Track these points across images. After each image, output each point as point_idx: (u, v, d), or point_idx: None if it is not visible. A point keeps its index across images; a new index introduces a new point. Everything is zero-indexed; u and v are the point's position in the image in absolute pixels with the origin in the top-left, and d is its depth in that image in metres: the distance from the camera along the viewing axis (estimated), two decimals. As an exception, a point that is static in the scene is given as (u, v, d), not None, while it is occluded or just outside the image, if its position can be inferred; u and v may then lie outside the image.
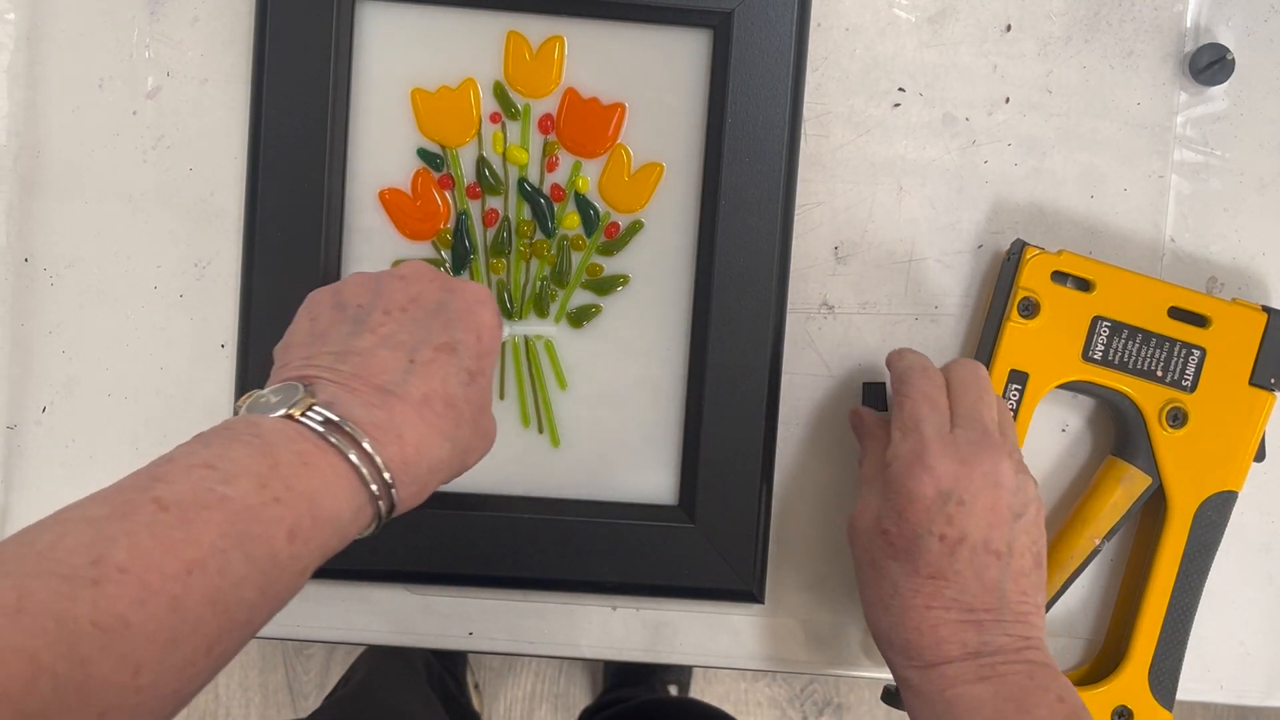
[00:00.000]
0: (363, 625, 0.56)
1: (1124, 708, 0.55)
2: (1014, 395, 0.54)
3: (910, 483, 0.45)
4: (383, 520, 0.38)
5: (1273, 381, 0.54)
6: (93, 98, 0.54)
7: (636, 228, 0.55)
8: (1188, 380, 0.54)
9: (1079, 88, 0.57)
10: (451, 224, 0.54)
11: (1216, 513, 0.55)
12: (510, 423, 0.55)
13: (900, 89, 0.56)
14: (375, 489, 0.37)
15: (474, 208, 0.54)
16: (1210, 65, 0.56)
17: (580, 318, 0.55)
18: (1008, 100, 0.56)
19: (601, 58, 0.54)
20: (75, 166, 0.54)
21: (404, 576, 0.55)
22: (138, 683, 0.30)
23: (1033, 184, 0.57)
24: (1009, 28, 0.56)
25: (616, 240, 0.55)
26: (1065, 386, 0.55)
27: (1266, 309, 0.54)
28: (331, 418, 0.37)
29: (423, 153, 0.54)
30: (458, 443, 0.40)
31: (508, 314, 0.55)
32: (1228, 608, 0.58)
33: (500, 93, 0.54)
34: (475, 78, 0.54)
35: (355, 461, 0.36)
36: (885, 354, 0.53)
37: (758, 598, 0.55)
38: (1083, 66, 0.57)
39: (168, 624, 0.31)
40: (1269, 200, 0.58)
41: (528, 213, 0.54)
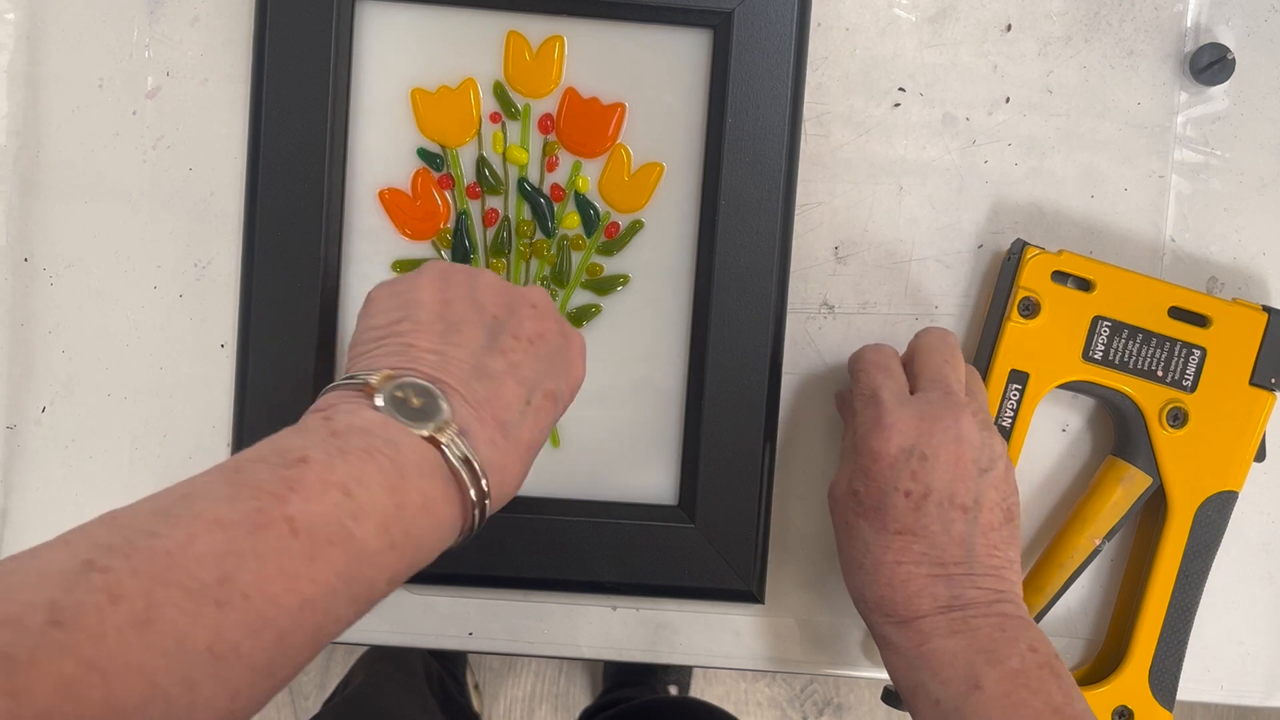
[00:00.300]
0: (363, 625, 0.55)
1: (1124, 708, 0.55)
2: (1014, 395, 0.54)
3: (873, 442, 0.46)
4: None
5: (1273, 381, 0.54)
6: (93, 98, 0.54)
7: (636, 228, 0.55)
8: (1188, 380, 0.54)
9: (1079, 88, 0.57)
10: (451, 224, 0.54)
11: (1217, 513, 0.55)
12: (510, 423, 0.55)
13: (900, 89, 0.56)
14: (471, 527, 0.37)
15: (474, 208, 0.54)
16: (1210, 65, 0.56)
17: (580, 318, 0.55)
18: (1008, 100, 0.56)
19: (601, 58, 0.54)
20: (75, 166, 0.54)
21: (404, 576, 0.55)
22: (233, 706, 0.30)
23: (1033, 184, 0.57)
24: (1009, 28, 0.56)
25: (616, 240, 0.55)
26: (1065, 386, 0.55)
27: (1267, 309, 0.54)
28: (467, 455, 0.36)
29: (423, 153, 0.54)
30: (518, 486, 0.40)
31: (508, 314, 0.55)
32: (1228, 608, 0.58)
33: (500, 93, 0.54)
34: (475, 78, 0.54)
35: (472, 500, 0.36)
36: None
37: (758, 598, 0.55)
38: (1083, 66, 0.57)
39: (271, 655, 0.31)
40: (1269, 200, 0.58)
41: (528, 213, 0.54)
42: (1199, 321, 0.54)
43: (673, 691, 1.28)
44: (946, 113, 0.56)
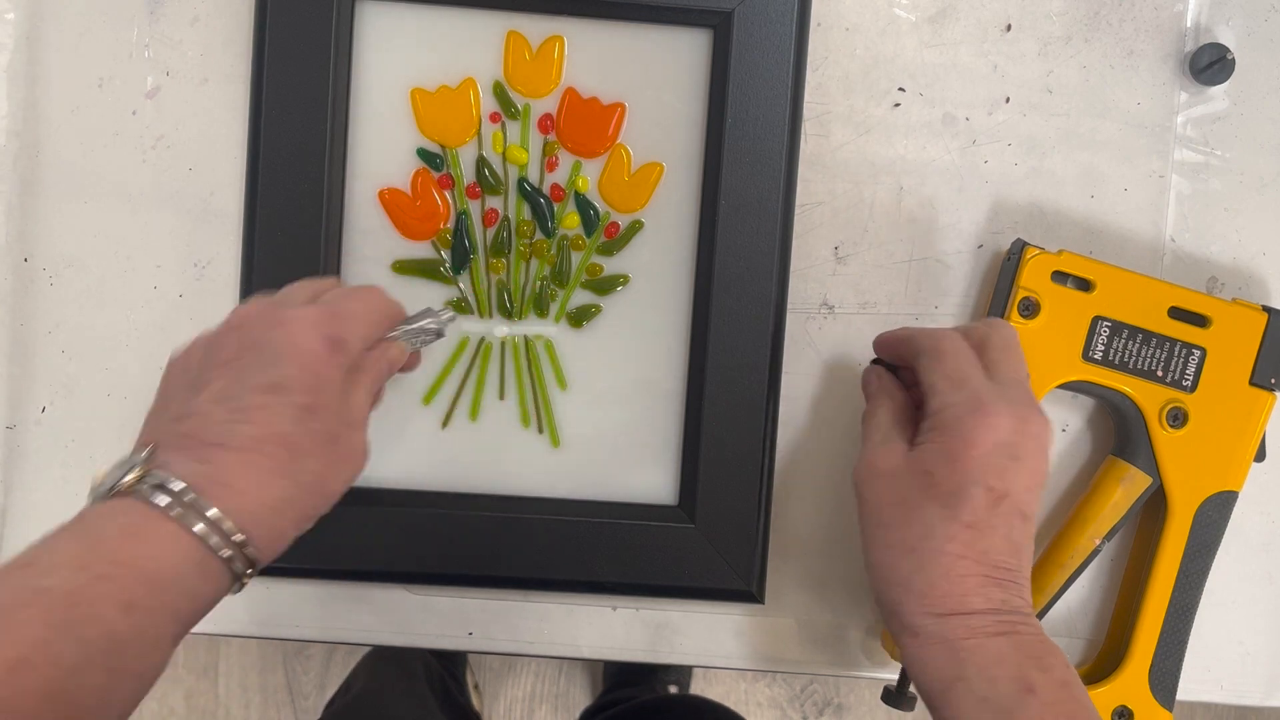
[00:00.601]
0: (363, 625, 0.55)
1: (1124, 708, 0.55)
2: (1014, 395, 0.54)
3: (970, 429, 0.45)
4: (242, 566, 0.39)
5: (1273, 381, 0.54)
6: (93, 98, 0.54)
7: (636, 228, 0.55)
8: (1188, 380, 0.54)
9: (1079, 88, 0.57)
10: (451, 224, 0.54)
11: (1216, 513, 0.55)
12: (510, 423, 0.55)
13: (900, 89, 0.56)
14: (214, 541, 0.37)
15: (474, 207, 0.54)
16: (1210, 65, 0.56)
17: (580, 318, 0.55)
18: (1008, 100, 0.56)
19: (601, 58, 0.54)
20: (75, 166, 0.54)
21: (404, 576, 0.55)
22: None
23: (1033, 184, 0.57)
24: (1009, 28, 0.56)
25: (616, 240, 0.55)
26: (1065, 386, 0.55)
27: (1266, 309, 0.54)
28: (159, 481, 0.37)
29: (422, 153, 0.54)
30: (300, 476, 0.40)
31: (507, 314, 0.55)
32: (1228, 608, 0.58)
33: (500, 93, 0.54)
34: (475, 77, 0.54)
35: (178, 517, 0.37)
36: None
37: (757, 598, 0.55)
38: (1083, 66, 0.57)
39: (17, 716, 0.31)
40: (1269, 200, 0.58)
41: (528, 213, 0.54)
42: (1199, 321, 0.54)
43: (673, 691, 1.28)
44: (946, 113, 0.56)
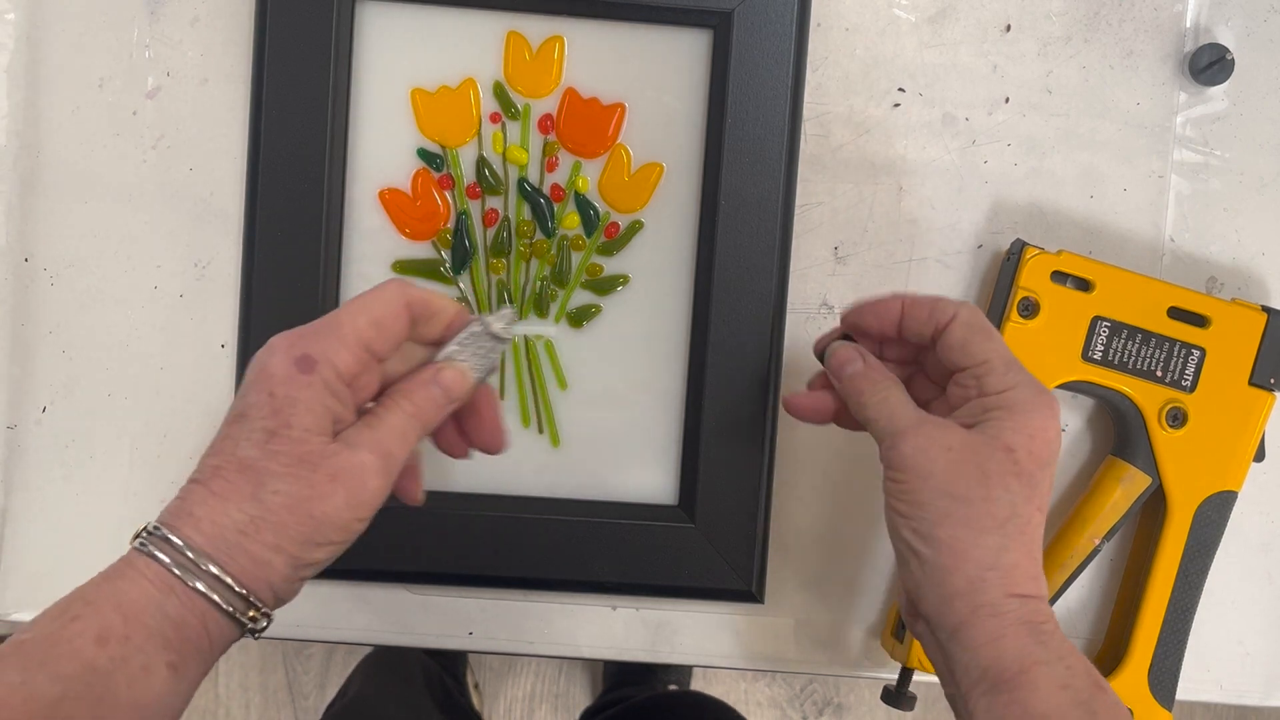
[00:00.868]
0: (363, 625, 0.55)
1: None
2: (1014, 395, 0.54)
3: (1044, 413, 0.43)
4: (226, 593, 0.39)
5: (1272, 381, 0.54)
6: (93, 98, 0.54)
7: (636, 228, 0.55)
8: (1187, 380, 0.54)
9: (1079, 88, 0.57)
10: (451, 224, 0.54)
11: (1216, 513, 0.55)
12: (510, 423, 0.55)
13: (900, 89, 0.56)
14: (184, 567, 0.38)
15: (474, 208, 0.54)
16: (1210, 65, 0.56)
17: (580, 318, 0.55)
18: (1008, 100, 0.56)
19: (601, 58, 0.54)
20: (75, 166, 0.54)
21: (404, 576, 0.55)
22: None
23: (1032, 184, 0.57)
24: (1009, 28, 0.56)
25: (616, 240, 0.55)
26: (1065, 386, 0.55)
27: (1266, 309, 0.54)
28: (141, 528, 0.39)
29: (423, 153, 0.54)
30: (268, 499, 0.40)
31: (508, 314, 0.55)
32: (1228, 608, 0.58)
33: (500, 93, 0.54)
34: (475, 78, 0.54)
35: (145, 549, 0.38)
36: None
37: (757, 598, 0.55)
38: (1083, 66, 0.57)
39: None
40: (1269, 200, 0.58)
41: (528, 213, 0.54)
42: (1198, 322, 0.54)
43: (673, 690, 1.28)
44: (946, 113, 0.56)
